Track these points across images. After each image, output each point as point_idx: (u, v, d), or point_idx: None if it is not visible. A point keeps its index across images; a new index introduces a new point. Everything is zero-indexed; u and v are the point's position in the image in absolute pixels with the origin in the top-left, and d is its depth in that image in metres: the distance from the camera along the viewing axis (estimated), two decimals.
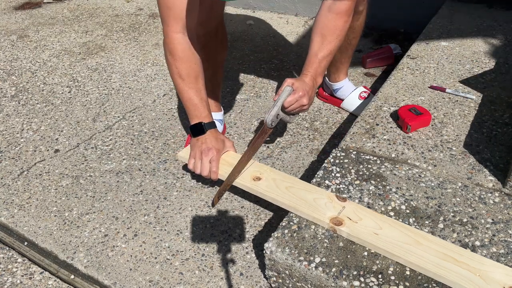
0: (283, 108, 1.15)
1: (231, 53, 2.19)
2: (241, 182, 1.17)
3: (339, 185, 1.12)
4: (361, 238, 0.95)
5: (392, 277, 0.89)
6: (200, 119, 1.22)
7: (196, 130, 1.22)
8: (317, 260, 0.93)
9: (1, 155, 1.61)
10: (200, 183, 1.43)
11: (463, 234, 0.97)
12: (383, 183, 1.11)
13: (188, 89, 1.20)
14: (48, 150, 1.63)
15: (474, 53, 1.65)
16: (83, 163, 1.54)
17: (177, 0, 1.14)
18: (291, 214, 1.05)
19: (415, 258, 0.90)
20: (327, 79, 1.73)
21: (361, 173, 1.15)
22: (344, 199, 1.05)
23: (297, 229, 1.01)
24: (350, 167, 1.17)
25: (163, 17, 1.18)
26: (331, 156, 1.23)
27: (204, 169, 1.19)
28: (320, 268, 0.92)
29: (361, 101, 1.66)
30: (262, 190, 1.12)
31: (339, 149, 1.25)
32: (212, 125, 1.23)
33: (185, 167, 1.49)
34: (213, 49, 1.44)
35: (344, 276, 0.90)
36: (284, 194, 1.09)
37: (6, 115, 1.85)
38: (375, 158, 1.20)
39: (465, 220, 1.00)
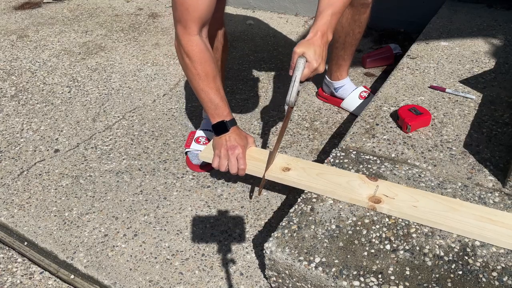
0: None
1: (231, 53, 2.19)
2: (272, 174, 1.18)
3: None
4: (402, 212, 1.00)
5: (392, 277, 0.89)
6: (222, 118, 1.22)
7: (219, 128, 1.22)
8: (317, 260, 0.93)
9: (1, 155, 1.61)
10: (200, 183, 1.43)
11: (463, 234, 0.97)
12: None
13: (208, 90, 1.20)
14: (48, 150, 1.63)
15: (474, 53, 1.65)
16: (83, 163, 1.54)
17: (197, 2, 1.11)
18: (291, 214, 1.05)
19: (456, 223, 0.96)
20: (328, 78, 1.73)
21: (361, 173, 1.15)
22: (375, 178, 1.10)
23: (297, 229, 1.01)
24: (350, 167, 1.17)
25: (180, 19, 1.14)
26: (331, 156, 1.23)
27: (232, 166, 1.20)
28: (320, 268, 0.92)
29: (361, 100, 1.66)
30: (294, 179, 1.14)
31: (339, 149, 1.25)
32: (233, 122, 1.24)
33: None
34: (214, 51, 1.44)
35: (344, 276, 0.90)
36: (317, 181, 1.12)
37: (6, 115, 1.85)
38: (375, 158, 1.20)
39: None
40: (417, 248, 0.94)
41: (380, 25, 2.32)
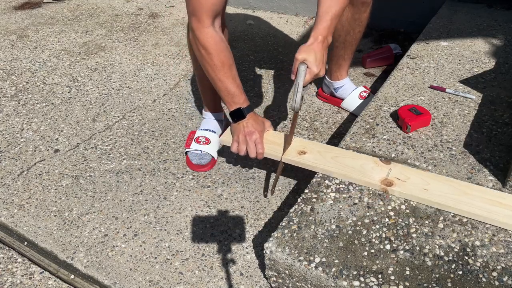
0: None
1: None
2: (288, 157, 1.22)
3: (339, 185, 1.12)
4: (414, 195, 1.02)
5: (392, 277, 0.89)
6: (239, 105, 1.25)
7: (236, 115, 1.26)
8: (317, 260, 0.93)
9: (1, 155, 1.61)
10: (200, 183, 1.43)
11: (463, 234, 0.97)
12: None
13: (224, 79, 1.23)
14: (48, 150, 1.63)
15: (474, 53, 1.65)
16: (83, 163, 1.54)
17: None
18: (291, 214, 1.05)
19: (467, 207, 0.98)
20: (327, 78, 1.73)
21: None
22: (388, 161, 1.13)
23: (297, 229, 1.01)
24: None
25: (195, 11, 1.16)
26: None
27: (251, 151, 1.25)
28: (320, 268, 0.92)
29: (361, 100, 1.66)
30: (310, 162, 1.18)
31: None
32: (250, 108, 1.28)
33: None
34: None
35: (344, 276, 0.90)
36: (332, 164, 1.15)
37: (6, 115, 1.85)
38: None
39: (465, 220, 1.00)
40: (417, 248, 0.94)
41: (380, 25, 2.32)
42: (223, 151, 1.56)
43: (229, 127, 1.34)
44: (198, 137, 1.50)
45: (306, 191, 1.12)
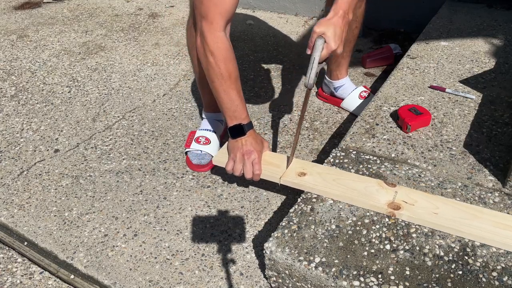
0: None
1: None
2: (287, 179, 1.15)
3: None
4: (423, 219, 0.98)
5: (392, 277, 0.89)
6: (240, 121, 1.19)
7: (236, 131, 1.19)
8: (317, 260, 0.93)
9: (1, 155, 1.61)
10: (200, 183, 1.43)
11: None
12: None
13: (230, 90, 1.16)
14: (48, 150, 1.63)
15: (474, 53, 1.65)
16: (83, 163, 1.54)
17: None
18: (291, 214, 1.05)
19: (477, 231, 0.95)
20: (327, 77, 1.73)
21: (361, 173, 1.15)
22: (393, 184, 1.08)
23: (297, 229, 1.01)
24: (350, 167, 1.17)
25: (207, 14, 1.09)
26: (331, 156, 1.22)
27: (247, 171, 1.18)
28: (320, 268, 0.92)
29: (361, 100, 1.66)
30: (310, 184, 1.11)
31: (339, 149, 1.25)
32: (250, 126, 1.21)
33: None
34: None
35: (344, 276, 0.90)
36: (334, 186, 1.09)
37: (6, 115, 1.85)
38: (375, 158, 1.20)
39: None
40: (417, 248, 0.94)
41: (380, 25, 2.32)
42: None
43: (224, 145, 1.28)
44: (198, 137, 1.50)
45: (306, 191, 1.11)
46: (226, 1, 1.09)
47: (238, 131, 1.19)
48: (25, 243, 1.27)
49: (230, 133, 1.21)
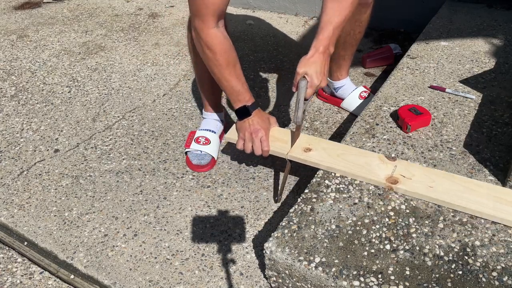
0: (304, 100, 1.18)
1: None
2: (293, 155, 1.22)
3: (339, 185, 1.12)
4: (419, 192, 1.02)
5: (392, 277, 0.89)
6: (244, 103, 1.26)
7: (242, 113, 1.27)
8: (317, 260, 0.93)
9: (1, 155, 1.61)
10: (200, 183, 1.43)
11: (463, 234, 0.97)
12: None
13: (230, 78, 1.24)
14: (48, 150, 1.63)
15: (474, 53, 1.65)
16: (83, 163, 1.54)
17: None
18: (291, 214, 1.05)
19: (473, 205, 0.97)
20: (328, 78, 1.72)
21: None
22: (393, 158, 1.12)
23: (297, 229, 1.01)
24: None
25: (199, 13, 1.15)
26: None
27: (257, 148, 1.26)
28: (320, 268, 0.92)
29: (361, 100, 1.66)
30: (315, 160, 1.17)
31: None
32: (255, 106, 1.28)
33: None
34: None
35: (344, 276, 0.90)
36: (337, 161, 1.15)
37: (6, 115, 1.85)
38: None
39: (465, 220, 1.00)
40: (417, 248, 0.94)
41: (380, 25, 2.32)
42: (223, 151, 1.56)
43: (234, 124, 1.34)
44: (198, 137, 1.50)
45: (306, 191, 1.11)
46: (216, 1, 1.13)
47: (244, 112, 1.27)
48: (25, 243, 1.27)
49: (237, 115, 1.29)
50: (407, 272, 0.90)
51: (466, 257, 0.92)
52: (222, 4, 1.15)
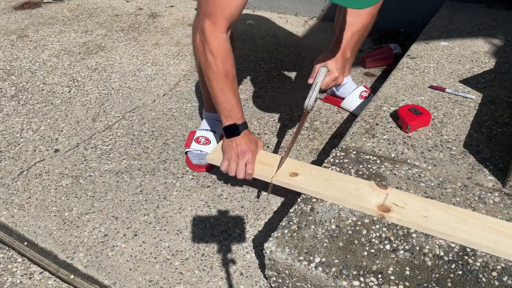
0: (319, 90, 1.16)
1: None
2: (279, 179, 1.16)
3: None
4: (413, 222, 0.98)
5: (392, 277, 0.89)
6: (235, 120, 1.20)
7: (230, 131, 1.21)
8: (317, 260, 0.93)
9: (1, 155, 1.61)
10: (200, 183, 1.43)
11: None
12: (383, 183, 1.11)
13: (227, 90, 1.18)
14: (48, 150, 1.63)
15: (474, 53, 1.65)
16: (83, 163, 1.54)
17: (232, 0, 1.09)
18: (291, 214, 1.05)
19: (467, 235, 0.94)
20: None
21: (360, 173, 1.15)
22: (385, 186, 1.08)
23: (297, 229, 1.01)
24: (350, 167, 1.17)
25: (211, 14, 1.10)
26: (331, 156, 1.22)
27: (240, 171, 1.20)
28: (320, 268, 0.92)
29: (362, 100, 1.66)
30: (302, 185, 1.12)
31: (339, 149, 1.25)
32: (245, 126, 1.22)
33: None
34: None
35: (344, 276, 0.90)
36: (325, 187, 1.09)
37: (6, 115, 1.85)
38: (375, 158, 1.20)
39: None
40: (417, 248, 0.94)
41: (380, 25, 2.32)
42: None
43: (219, 144, 1.30)
44: (198, 137, 1.50)
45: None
46: (232, 5, 1.10)
47: (233, 130, 1.20)
48: (25, 243, 1.27)
49: (224, 132, 1.22)
50: (407, 272, 0.90)
51: (466, 257, 0.92)
52: (237, 8, 1.11)
